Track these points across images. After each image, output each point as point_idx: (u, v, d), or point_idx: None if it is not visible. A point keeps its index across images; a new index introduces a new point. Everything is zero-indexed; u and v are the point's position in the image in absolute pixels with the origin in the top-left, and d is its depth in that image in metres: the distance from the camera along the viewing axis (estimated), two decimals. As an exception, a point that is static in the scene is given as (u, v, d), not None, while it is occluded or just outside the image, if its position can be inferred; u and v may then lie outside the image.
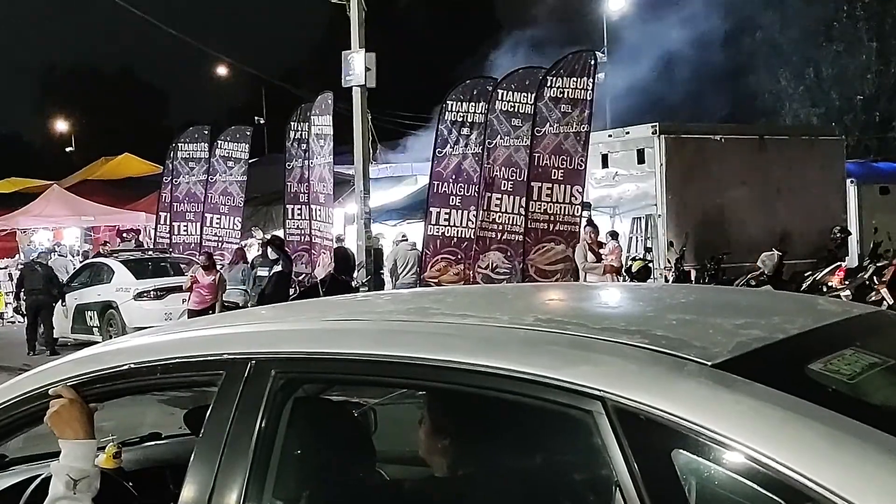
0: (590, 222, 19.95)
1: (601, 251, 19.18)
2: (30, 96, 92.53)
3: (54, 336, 22.63)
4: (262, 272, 19.36)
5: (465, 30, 45.69)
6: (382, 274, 23.47)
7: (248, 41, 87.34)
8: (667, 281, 19.51)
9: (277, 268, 19.10)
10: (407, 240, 22.66)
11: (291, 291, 20.46)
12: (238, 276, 20.70)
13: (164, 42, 75.57)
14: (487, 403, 2.41)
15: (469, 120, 20.96)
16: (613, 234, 20.56)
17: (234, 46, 76.78)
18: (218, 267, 20.36)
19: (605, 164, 22.44)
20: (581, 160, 19.66)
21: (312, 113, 23.88)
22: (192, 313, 18.13)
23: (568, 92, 19.76)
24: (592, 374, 2.19)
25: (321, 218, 23.65)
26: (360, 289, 20.70)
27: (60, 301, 22.86)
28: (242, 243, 25.17)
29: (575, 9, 44.40)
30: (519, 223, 19.92)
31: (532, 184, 19.74)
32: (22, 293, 23.61)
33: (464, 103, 21.11)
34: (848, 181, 23.91)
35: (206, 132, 27.72)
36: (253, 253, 23.77)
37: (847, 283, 18.20)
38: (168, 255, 24.69)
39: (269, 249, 20.03)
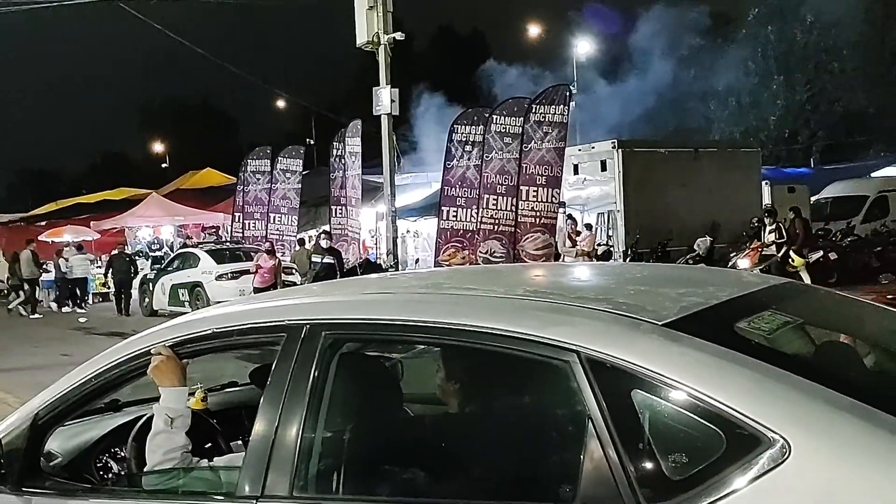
0: (569, 216, 19.97)
1: (577, 238, 19.23)
2: (134, 124, 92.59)
3: (154, 308, 22.90)
4: (316, 259, 19.30)
5: (468, 68, 45.60)
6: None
7: (301, 79, 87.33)
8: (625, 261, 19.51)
9: (329, 258, 19.01)
10: (304, 244, 21.93)
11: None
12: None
13: (236, 81, 75.71)
14: (488, 356, 2.41)
15: (471, 139, 20.92)
16: (588, 226, 20.56)
17: (291, 84, 76.75)
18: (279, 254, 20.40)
19: (576, 171, 22.47)
20: (559, 169, 19.65)
21: (347, 135, 23.92)
22: (257, 291, 18.12)
23: (548, 116, 19.73)
24: (569, 333, 2.19)
25: (353, 217, 23.76)
26: (389, 270, 20.68)
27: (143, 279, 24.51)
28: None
29: (553, 52, 44.29)
30: (511, 218, 19.92)
31: (521, 187, 19.74)
32: (111, 273, 25.21)
33: (467, 126, 21.08)
34: (763, 183, 23.89)
35: (269, 151, 27.79)
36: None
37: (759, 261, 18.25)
38: (241, 246, 24.69)
39: (322, 241, 19.96)
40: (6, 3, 24.88)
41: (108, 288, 26.62)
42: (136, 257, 28.17)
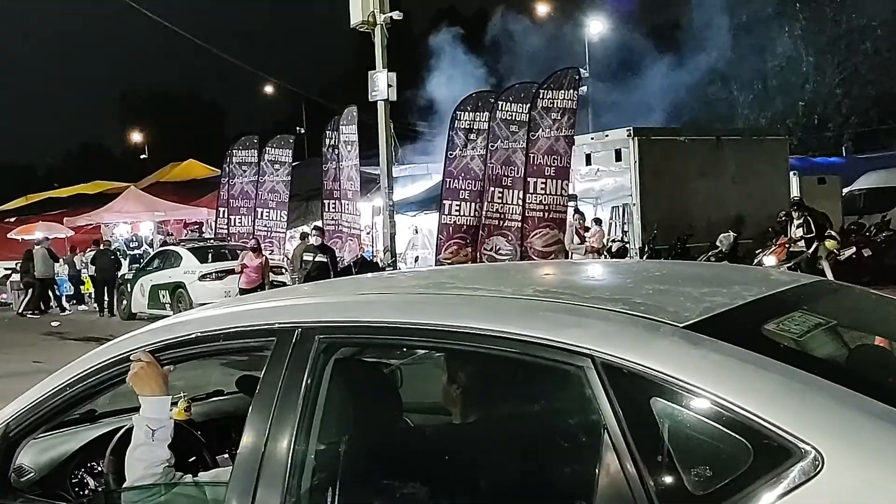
0: (577, 210, 19.97)
1: (585, 234, 19.23)
2: (111, 113, 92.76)
3: (132, 311, 22.99)
4: (308, 257, 19.28)
5: (470, 49, 45.60)
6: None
7: (291, 64, 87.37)
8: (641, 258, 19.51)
9: (322, 256, 18.99)
10: (306, 238, 21.52)
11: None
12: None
13: (220, 66, 75.61)
14: (494, 362, 2.40)
15: (475, 127, 20.93)
16: (597, 221, 20.55)
17: (279, 68, 76.68)
18: (266, 253, 20.40)
19: (588, 162, 22.42)
20: (568, 159, 19.67)
21: (341, 123, 23.88)
22: (243, 292, 18.09)
23: (557, 102, 19.76)
24: (583, 336, 2.18)
25: (349, 211, 23.74)
26: (386, 268, 20.66)
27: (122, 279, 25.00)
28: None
29: (562, 31, 44.17)
30: (517, 212, 19.94)
31: (528, 179, 19.76)
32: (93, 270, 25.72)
33: (470, 113, 21.09)
34: (791, 173, 23.85)
35: (256, 140, 27.76)
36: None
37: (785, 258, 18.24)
38: (226, 243, 24.71)
39: (314, 238, 19.92)
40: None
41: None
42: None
